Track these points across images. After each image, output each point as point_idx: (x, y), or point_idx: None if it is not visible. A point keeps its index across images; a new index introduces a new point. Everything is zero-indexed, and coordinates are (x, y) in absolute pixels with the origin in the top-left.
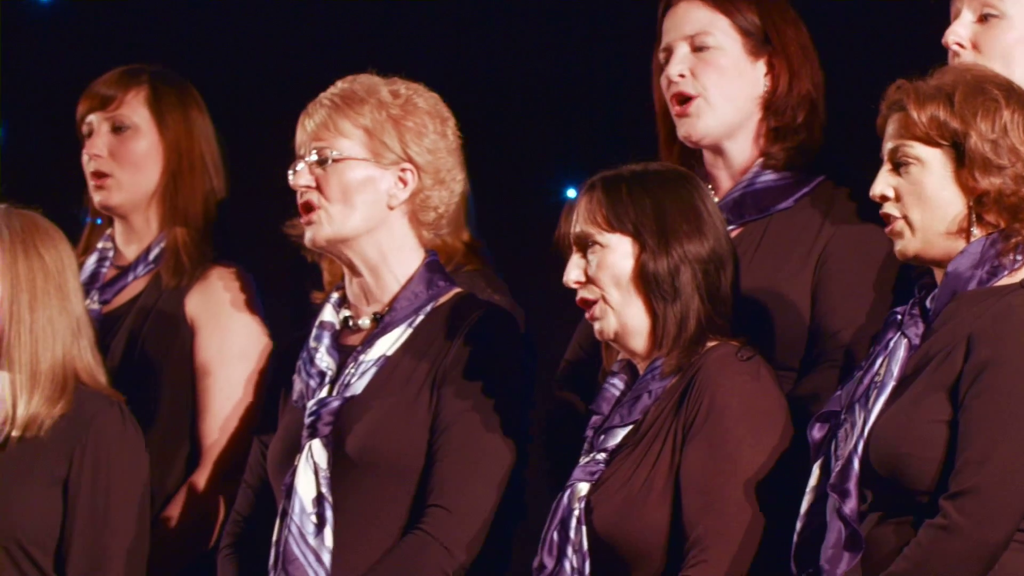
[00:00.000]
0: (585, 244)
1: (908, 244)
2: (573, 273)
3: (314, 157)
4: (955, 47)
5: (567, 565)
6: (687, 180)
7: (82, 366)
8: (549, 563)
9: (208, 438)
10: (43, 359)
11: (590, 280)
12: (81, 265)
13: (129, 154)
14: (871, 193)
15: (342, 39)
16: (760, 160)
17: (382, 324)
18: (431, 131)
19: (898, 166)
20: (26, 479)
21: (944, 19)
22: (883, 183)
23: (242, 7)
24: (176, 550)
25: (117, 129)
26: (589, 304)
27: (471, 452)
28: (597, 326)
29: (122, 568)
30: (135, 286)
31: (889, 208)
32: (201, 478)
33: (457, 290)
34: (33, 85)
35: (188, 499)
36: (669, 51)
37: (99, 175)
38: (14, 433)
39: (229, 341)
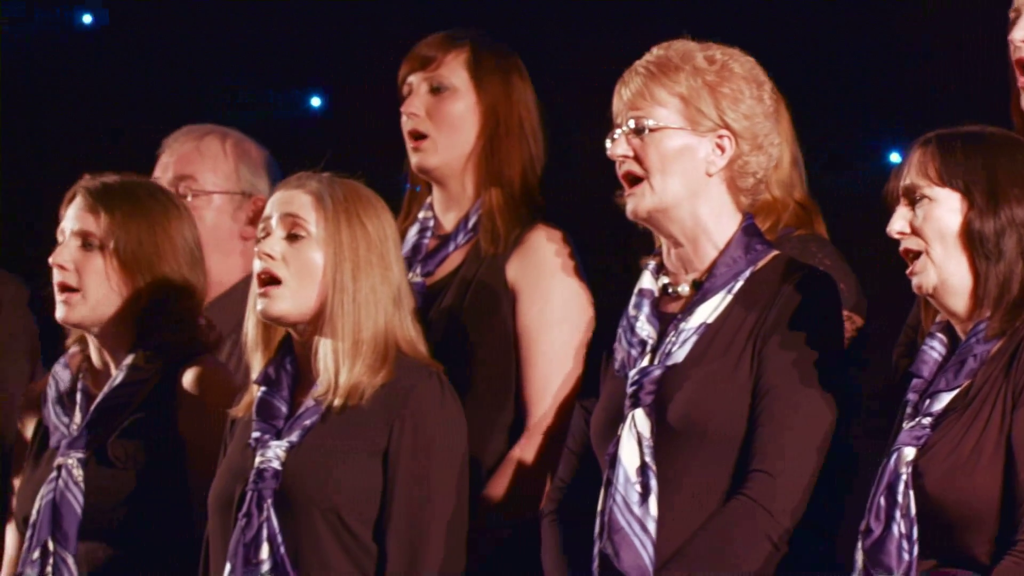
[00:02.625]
0: (913, 196)
1: None
2: (898, 223)
3: (631, 126)
4: None
5: (895, 530)
6: None
7: (402, 335)
8: (876, 528)
9: (531, 405)
10: (365, 328)
11: (914, 232)
12: (402, 233)
13: (446, 115)
14: None
15: (659, 5)
16: None
17: (701, 291)
18: (747, 96)
19: None
20: (347, 449)
21: None
22: None
23: None
24: (505, 517)
25: (435, 90)
26: (911, 255)
27: (793, 416)
28: (916, 280)
29: (443, 540)
30: (456, 256)
31: None
32: (526, 445)
33: (775, 253)
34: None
35: (514, 467)
36: (1018, 13)
37: (416, 135)
38: (336, 402)
39: (550, 305)
